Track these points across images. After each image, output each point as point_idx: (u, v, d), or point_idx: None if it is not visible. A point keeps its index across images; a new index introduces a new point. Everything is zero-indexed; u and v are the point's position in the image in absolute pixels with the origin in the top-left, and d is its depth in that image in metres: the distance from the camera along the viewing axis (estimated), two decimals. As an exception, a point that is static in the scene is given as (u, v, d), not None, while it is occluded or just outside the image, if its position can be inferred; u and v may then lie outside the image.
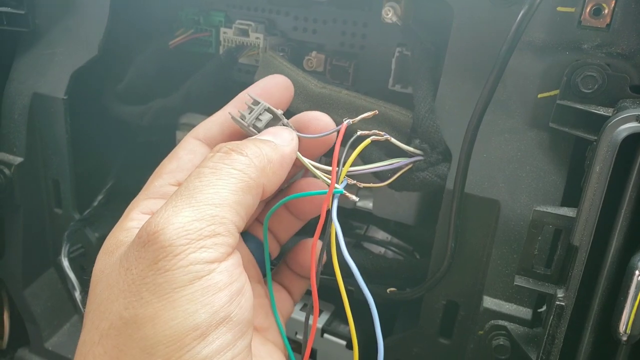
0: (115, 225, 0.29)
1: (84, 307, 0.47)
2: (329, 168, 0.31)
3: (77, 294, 0.47)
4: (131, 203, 0.30)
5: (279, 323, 0.34)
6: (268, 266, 0.35)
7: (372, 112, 0.33)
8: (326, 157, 0.37)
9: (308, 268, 0.35)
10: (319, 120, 0.32)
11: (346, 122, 0.31)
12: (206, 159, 0.27)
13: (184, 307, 0.23)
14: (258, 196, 0.27)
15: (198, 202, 0.24)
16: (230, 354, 0.24)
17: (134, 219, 0.28)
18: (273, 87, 0.33)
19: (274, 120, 0.31)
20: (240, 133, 0.32)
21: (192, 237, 0.23)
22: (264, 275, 0.35)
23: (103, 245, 0.28)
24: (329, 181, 0.30)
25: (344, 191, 0.30)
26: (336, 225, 0.29)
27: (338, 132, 0.31)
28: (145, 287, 0.23)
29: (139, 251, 0.24)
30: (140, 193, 0.30)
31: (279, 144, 0.29)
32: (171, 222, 0.23)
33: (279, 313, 0.34)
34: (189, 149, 0.31)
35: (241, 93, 0.33)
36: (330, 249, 0.30)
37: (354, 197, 0.31)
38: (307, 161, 0.31)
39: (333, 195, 0.30)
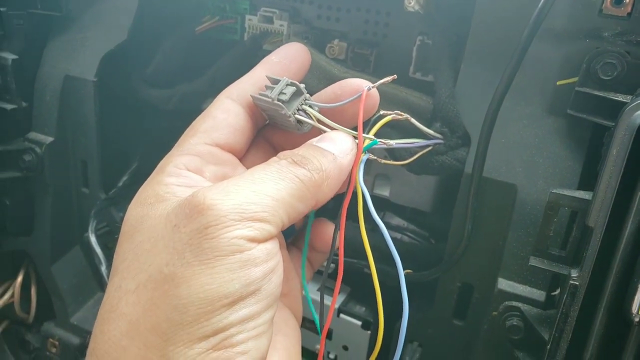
0: (151, 178, 0.30)
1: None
2: (356, 133, 0.32)
3: (104, 269, 0.49)
4: (165, 158, 0.31)
5: (307, 295, 0.35)
6: (303, 267, 0.36)
7: (392, 77, 0.33)
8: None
9: (325, 244, 0.36)
10: (352, 86, 0.33)
11: (366, 87, 0.32)
12: (272, 161, 0.29)
13: (221, 275, 0.24)
14: (310, 207, 0.29)
15: (260, 190, 0.26)
16: (253, 324, 0.25)
17: (172, 174, 0.29)
18: (294, 52, 0.35)
19: (297, 94, 0.32)
20: None
21: (245, 216, 0.25)
22: (286, 239, 0.36)
23: (137, 197, 0.29)
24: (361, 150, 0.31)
25: (378, 142, 0.32)
26: (363, 189, 0.30)
27: (360, 96, 0.32)
28: (189, 248, 0.24)
29: (192, 212, 0.25)
30: (174, 149, 0.31)
31: (338, 156, 0.30)
32: (231, 198, 0.25)
33: (299, 280, 0.36)
34: (223, 108, 0.32)
35: (268, 56, 0.35)
36: (359, 214, 0.31)
37: (390, 142, 0.33)
38: (333, 124, 0.32)
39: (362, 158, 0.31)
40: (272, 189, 0.27)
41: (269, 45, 0.52)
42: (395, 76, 0.34)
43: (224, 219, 0.25)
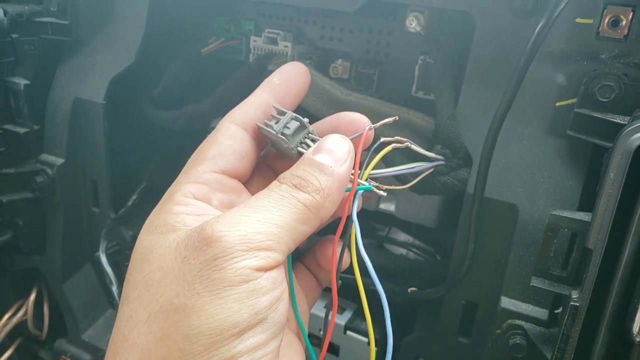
0: (160, 206, 0.30)
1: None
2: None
3: (114, 288, 0.50)
4: (172, 186, 0.31)
5: (299, 318, 0.35)
6: (290, 277, 0.37)
7: (393, 118, 0.35)
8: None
9: (330, 262, 0.36)
10: (356, 122, 0.34)
11: (368, 127, 0.33)
12: (274, 186, 0.29)
13: (229, 305, 0.25)
14: (314, 228, 0.29)
15: (264, 219, 0.27)
16: (261, 352, 0.26)
17: (181, 203, 0.29)
18: (295, 74, 0.35)
19: (301, 128, 0.33)
20: None
21: (251, 246, 0.26)
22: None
23: (147, 225, 0.30)
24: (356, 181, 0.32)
25: (372, 187, 0.32)
26: (356, 225, 0.31)
27: (361, 135, 0.33)
28: (199, 279, 0.25)
29: (201, 245, 0.26)
30: (181, 175, 0.32)
31: (336, 168, 0.30)
32: (237, 229, 0.26)
33: (306, 298, 0.36)
34: (228, 135, 0.32)
35: (269, 77, 0.35)
36: (351, 248, 0.31)
37: (382, 192, 0.33)
38: None
39: (355, 194, 0.32)
40: (276, 217, 0.27)
41: (274, 66, 0.53)
42: (397, 117, 0.35)
43: (232, 250, 0.25)
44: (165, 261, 0.27)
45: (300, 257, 0.39)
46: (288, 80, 0.35)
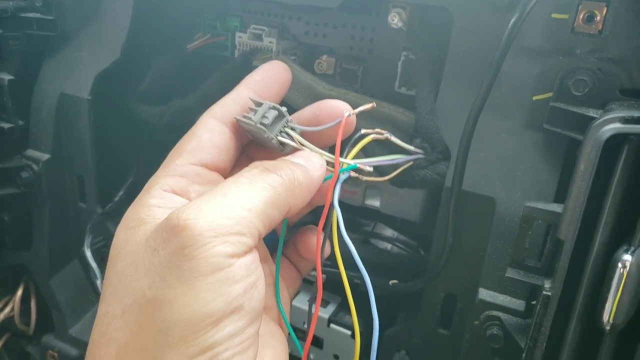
0: (136, 200, 0.30)
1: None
2: (333, 156, 0.33)
3: (99, 282, 0.50)
4: (151, 179, 0.31)
5: (281, 309, 0.36)
6: (277, 268, 0.37)
7: (370, 105, 0.35)
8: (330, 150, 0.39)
9: (313, 252, 0.36)
10: (337, 109, 0.34)
11: (346, 114, 0.33)
12: (244, 171, 0.29)
13: (202, 295, 0.25)
14: (283, 213, 0.29)
15: (231, 203, 0.27)
16: (238, 339, 0.26)
17: (155, 196, 0.29)
18: (275, 71, 0.36)
19: (279, 117, 0.33)
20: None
21: (219, 232, 0.25)
22: (270, 253, 0.37)
23: (123, 219, 0.29)
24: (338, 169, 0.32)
25: (357, 165, 0.33)
26: (338, 212, 0.31)
27: (340, 123, 0.33)
28: (169, 270, 0.25)
29: (168, 235, 0.26)
30: (160, 169, 0.32)
31: (310, 169, 0.31)
32: (204, 215, 0.26)
33: (287, 288, 0.36)
34: (207, 128, 0.33)
35: (250, 74, 0.35)
36: (332, 237, 0.32)
37: (368, 168, 0.33)
38: (314, 147, 0.33)
39: (337, 179, 0.32)
40: (244, 200, 0.27)
41: (259, 61, 0.53)
42: (374, 104, 0.35)
43: (199, 238, 0.25)
44: (137, 255, 0.27)
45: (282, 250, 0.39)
46: (269, 77, 0.35)
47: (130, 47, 0.52)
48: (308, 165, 0.31)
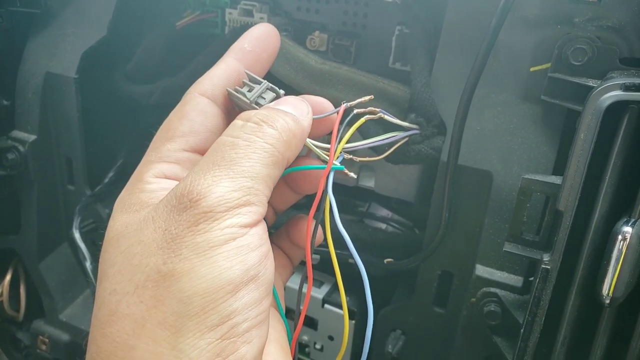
0: (130, 184, 0.30)
1: (95, 277, 0.48)
2: (328, 145, 0.32)
3: (88, 264, 0.49)
4: (143, 163, 0.30)
5: (276, 295, 0.35)
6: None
7: (369, 97, 0.34)
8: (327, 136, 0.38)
9: (304, 240, 0.36)
10: (321, 104, 0.34)
11: (344, 104, 0.33)
12: (237, 126, 0.29)
13: (219, 264, 0.25)
14: (283, 168, 0.29)
15: (236, 174, 0.26)
16: (256, 310, 0.26)
17: (152, 182, 0.29)
18: (265, 39, 0.35)
19: (276, 100, 0.32)
20: None
21: (230, 205, 0.25)
22: None
23: (119, 204, 0.29)
24: (327, 158, 0.32)
25: (344, 168, 0.32)
26: (331, 199, 0.31)
27: (337, 113, 0.32)
28: (184, 245, 0.25)
29: (179, 214, 0.25)
30: (150, 153, 0.31)
31: (299, 117, 0.30)
32: (212, 191, 0.25)
33: (279, 276, 0.36)
34: (199, 110, 0.32)
35: (238, 42, 0.34)
36: (325, 222, 0.31)
37: (352, 175, 0.33)
38: (308, 140, 0.32)
39: (330, 170, 0.31)
40: (247, 168, 0.27)
41: (250, 38, 0.52)
42: (372, 97, 0.34)
43: (212, 214, 0.25)
44: (145, 234, 0.26)
45: (272, 237, 0.38)
46: (258, 46, 0.34)
47: (117, 24, 0.51)
48: (297, 113, 0.30)
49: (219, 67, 0.34)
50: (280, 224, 0.39)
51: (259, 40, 0.34)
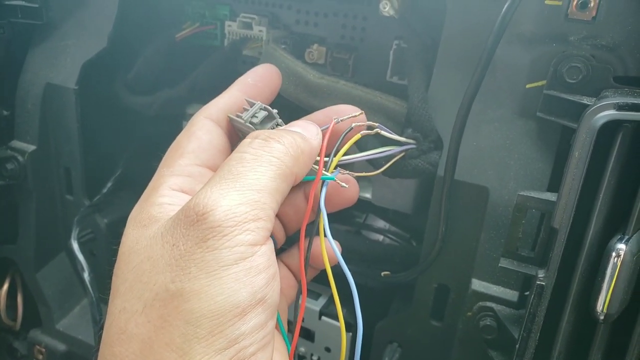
0: (143, 199, 0.30)
1: (93, 288, 0.48)
2: (326, 159, 0.33)
3: (86, 275, 0.49)
4: (156, 178, 0.31)
5: (278, 318, 0.35)
6: None
7: (359, 112, 0.35)
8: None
9: (320, 260, 0.36)
10: (343, 112, 0.35)
11: (335, 120, 0.34)
12: (245, 144, 0.29)
13: (229, 285, 0.24)
14: (291, 184, 0.29)
15: (242, 187, 0.26)
16: (262, 333, 0.26)
17: (165, 195, 0.29)
18: (268, 76, 0.36)
19: (269, 118, 0.33)
20: None
21: (238, 220, 0.25)
22: None
23: (132, 218, 0.29)
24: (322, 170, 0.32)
25: (334, 178, 0.32)
26: (324, 214, 0.31)
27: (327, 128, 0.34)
28: (193, 262, 0.25)
29: (187, 229, 0.25)
30: (163, 169, 0.31)
31: (308, 137, 0.31)
32: (220, 204, 0.25)
33: (284, 296, 0.36)
34: (205, 130, 0.33)
35: (243, 76, 0.36)
36: (320, 236, 0.32)
37: (344, 185, 0.33)
38: None
39: (322, 182, 0.32)
40: (254, 181, 0.27)
41: (249, 50, 0.52)
42: (362, 112, 0.35)
43: (220, 229, 0.25)
44: (153, 250, 0.26)
45: (281, 256, 0.38)
46: (261, 81, 0.36)
47: (117, 35, 0.51)
48: (306, 133, 0.31)
49: (223, 96, 0.35)
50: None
51: (262, 77, 0.36)
